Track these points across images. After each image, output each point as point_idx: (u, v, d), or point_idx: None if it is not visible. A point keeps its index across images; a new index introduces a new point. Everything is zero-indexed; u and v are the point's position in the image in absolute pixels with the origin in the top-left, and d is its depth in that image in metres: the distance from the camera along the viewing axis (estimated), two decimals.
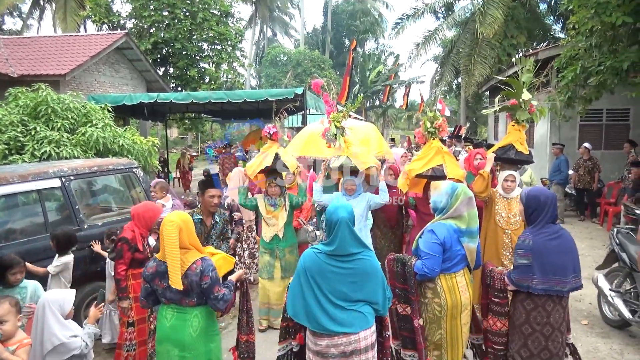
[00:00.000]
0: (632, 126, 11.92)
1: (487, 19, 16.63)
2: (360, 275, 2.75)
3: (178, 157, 16.26)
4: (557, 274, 3.09)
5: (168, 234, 2.74)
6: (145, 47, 17.96)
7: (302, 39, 36.43)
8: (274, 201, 4.87)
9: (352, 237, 2.74)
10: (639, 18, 7.58)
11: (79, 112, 7.74)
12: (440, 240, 3.21)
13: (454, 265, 3.28)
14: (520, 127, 4.86)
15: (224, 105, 12.13)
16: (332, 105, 4.57)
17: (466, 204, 3.30)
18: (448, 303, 3.26)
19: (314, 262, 2.76)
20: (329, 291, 2.71)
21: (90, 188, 5.55)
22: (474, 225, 3.30)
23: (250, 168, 4.85)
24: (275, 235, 4.85)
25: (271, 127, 4.85)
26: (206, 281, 2.75)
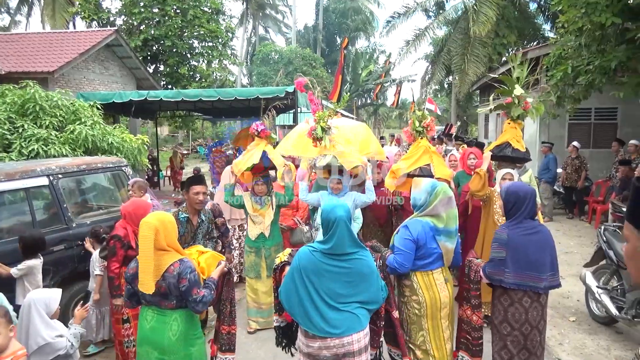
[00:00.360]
0: (619, 125, 12.05)
1: (480, 17, 16.72)
2: (356, 275, 2.72)
3: (170, 156, 16.12)
4: (532, 270, 3.10)
5: (142, 235, 2.69)
6: (135, 44, 17.82)
7: (294, 37, 36.36)
8: (261, 199, 4.83)
9: (349, 236, 2.72)
10: (627, 18, 7.67)
11: (67, 110, 7.66)
12: (413, 237, 3.19)
13: (431, 263, 3.25)
14: (517, 124, 4.80)
15: (214, 103, 12.09)
16: (317, 103, 4.53)
17: (445, 203, 3.26)
18: (427, 300, 3.23)
19: (310, 261, 2.71)
20: (323, 291, 2.67)
21: (79, 186, 5.49)
22: (452, 225, 3.27)
23: (237, 166, 4.78)
24: (261, 233, 4.81)
25: (259, 124, 4.77)
26: (184, 284, 2.70)
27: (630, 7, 7.66)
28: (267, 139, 4.80)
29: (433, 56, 23.67)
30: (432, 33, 22.00)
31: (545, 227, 3.25)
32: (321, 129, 4.32)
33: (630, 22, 7.63)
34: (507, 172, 4.50)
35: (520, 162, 5.13)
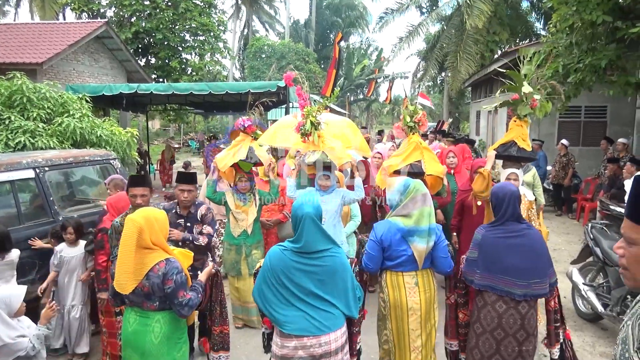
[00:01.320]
0: (609, 123, 12.16)
1: (474, 11, 16.76)
2: (328, 274, 2.62)
3: (162, 150, 15.96)
4: (507, 274, 2.94)
5: (125, 233, 2.58)
6: (126, 37, 17.66)
7: (287, 31, 36.20)
8: (244, 196, 4.71)
9: (319, 233, 2.63)
10: (618, 17, 7.71)
11: (55, 102, 7.58)
12: (377, 238, 3.13)
13: (400, 265, 3.14)
14: (523, 122, 4.59)
15: (206, 97, 12.02)
16: (305, 98, 4.43)
17: (417, 201, 3.14)
18: (390, 300, 3.16)
19: (280, 260, 2.62)
20: (297, 289, 2.58)
21: (66, 179, 5.45)
22: (423, 223, 3.10)
23: (221, 161, 4.62)
24: (243, 231, 4.69)
25: (245, 120, 4.64)
26: (169, 285, 2.57)
27: (621, 6, 7.71)
28: (253, 135, 4.69)
29: (425, 52, 23.71)
30: (425, 30, 22.04)
31: (535, 232, 3.08)
32: (310, 124, 4.23)
33: (620, 21, 7.67)
34: (511, 172, 4.34)
35: (526, 162, 4.96)
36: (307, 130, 4.26)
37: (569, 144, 10.32)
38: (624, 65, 8.12)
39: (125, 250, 2.56)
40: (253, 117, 4.63)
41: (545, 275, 2.99)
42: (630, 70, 8.28)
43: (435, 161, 4.77)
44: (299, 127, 4.32)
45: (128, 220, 2.59)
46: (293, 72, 4.52)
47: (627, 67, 8.20)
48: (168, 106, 16.45)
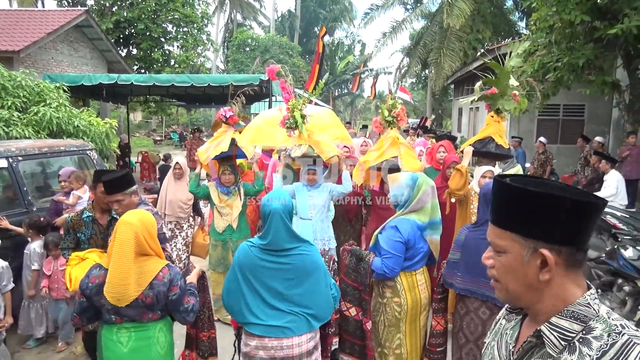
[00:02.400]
0: (586, 122, 12.40)
1: (454, 10, 16.88)
2: (297, 272, 2.48)
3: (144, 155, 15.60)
4: (488, 278, 2.85)
5: (120, 238, 2.29)
6: (107, 26, 17.33)
7: (272, 24, 35.99)
8: (228, 189, 4.56)
9: (286, 231, 2.48)
10: (596, 17, 7.86)
11: (31, 91, 7.41)
12: (405, 239, 2.95)
13: (415, 264, 3.06)
14: (500, 118, 4.41)
15: (188, 89, 11.89)
16: (289, 92, 4.33)
17: (429, 194, 3.07)
18: (408, 302, 3.02)
19: (247, 256, 2.50)
20: (264, 288, 2.46)
21: (41, 169, 5.35)
22: (437, 215, 3.11)
23: (202, 154, 4.48)
24: (228, 225, 4.54)
25: (227, 110, 4.48)
26: (175, 292, 2.38)
27: (599, 7, 7.85)
28: (235, 126, 4.57)
29: (409, 49, 23.82)
30: (410, 26, 22.15)
31: None
32: (299, 117, 4.15)
33: (598, 21, 7.82)
34: (487, 170, 4.10)
35: (502, 159, 4.85)
36: (293, 124, 4.17)
37: (547, 142, 10.48)
38: (601, 65, 8.29)
39: (122, 258, 2.27)
40: (235, 108, 4.49)
41: None
42: (607, 70, 8.46)
43: (412, 157, 4.63)
44: (284, 121, 4.22)
45: (122, 224, 2.32)
46: (276, 65, 4.42)
47: (604, 67, 8.37)
48: (149, 98, 16.23)
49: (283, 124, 4.28)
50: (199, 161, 4.53)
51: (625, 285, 4.26)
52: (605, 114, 12.04)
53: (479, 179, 4.07)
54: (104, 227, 3.40)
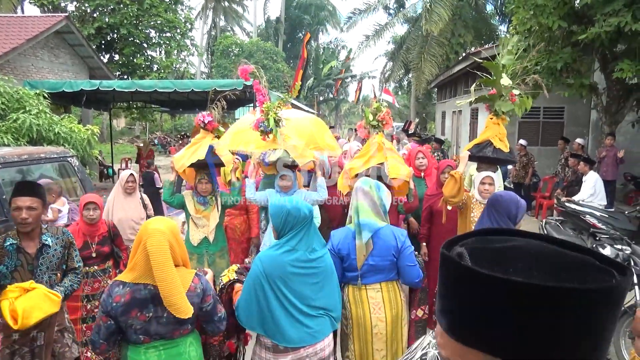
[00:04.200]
0: (566, 124, 12.63)
1: (433, 16, 17.10)
2: (323, 275, 2.49)
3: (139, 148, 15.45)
4: None
5: (157, 249, 2.10)
6: (88, 32, 17.17)
7: (255, 30, 36.02)
8: (205, 199, 4.29)
9: (317, 235, 2.52)
10: (572, 21, 8.03)
11: (10, 97, 7.32)
12: (333, 247, 2.87)
13: (361, 276, 2.84)
14: (500, 120, 4.12)
15: (171, 95, 11.81)
16: (263, 94, 4.17)
17: (354, 196, 2.97)
18: (352, 316, 2.87)
19: (276, 265, 2.41)
20: (295, 296, 2.41)
21: (21, 177, 5.27)
22: (359, 216, 2.88)
23: (178, 161, 4.22)
24: (204, 238, 4.26)
25: (205, 115, 4.24)
26: (209, 302, 2.27)
27: (576, 11, 8.03)
28: (214, 132, 4.32)
29: (392, 53, 24.06)
30: (392, 30, 22.41)
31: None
32: (272, 121, 3.95)
33: (575, 25, 7.99)
34: (486, 176, 3.84)
35: (503, 164, 4.59)
36: (267, 128, 3.98)
37: (528, 144, 10.64)
38: (579, 68, 8.47)
39: (166, 269, 2.10)
40: (214, 113, 4.27)
41: None
42: (585, 73, 8.64)
43: (400, 163, 4.42)
44: (257, 125, 4.03)
45: (154, 232, 2.13)
46: (249, 65, 4.21)
47: (582, 70, 8.55)
48: (132, 104, 16.09)
49: (257, 127, 4.06)
50: (174, 169, 4.29)
51: None
52: (584, 116, 12.28)
53: (478, 186, 3.83)
54: (31, 257, 2.84)
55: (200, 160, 4.13)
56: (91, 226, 3.75)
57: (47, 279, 2.87)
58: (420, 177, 5.16)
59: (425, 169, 5.25)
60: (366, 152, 4.34)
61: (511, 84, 3.96)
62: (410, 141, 10.29)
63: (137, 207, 4.66)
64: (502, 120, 4.13)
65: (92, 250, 3.72)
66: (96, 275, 3.76)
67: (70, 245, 3.07)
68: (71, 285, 2.97)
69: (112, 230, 3.92)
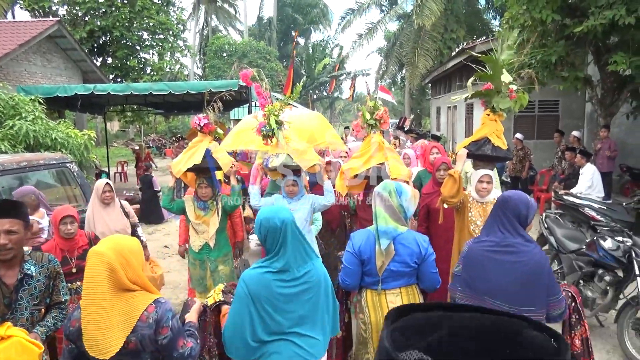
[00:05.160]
0: (561, 117, 12.69)
1: (424, 11, 17.15)
2: (314, 290, 2.29)
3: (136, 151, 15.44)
4: (493, 296, 2.45)
5: (90, 273, 1.88)
6: (80, 36, 17.08)
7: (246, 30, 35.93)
8: (205, 204, 4.16)
9: (302, 247, 2.29)
10: (566, 15, 8.06)
11: (6, 104, 7.29)
12: (354, 250, 2.76)
13: (379, 282, 2.76)
14: (497, 116, 3.98)
15: (166, 97, 11.78)
16: (265, 97, 4.10)
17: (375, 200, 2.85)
18: (372, 321, 2.78)
19: (262, 285, 2.21)
20: (283, 318, 2.22)
21: (20, 184, 5.24)
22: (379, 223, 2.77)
23: (176, 166, 4.09)
24: (205, 244, 4.14)
25: (201, 118, 4.09)
26: (165, 334, 1.96)
27: (569, 4, 8.06)
28: (212, 135, 4.19)
29: (386, 50, 24.10)
30: (385, 27, 22.45)
31: (537, 252, 2.50)
32: (274, 124, 3.85)
33: (568, 19, 8.02)
34: (484, 174, 3.70)
35: (500, 162, 4.51)
36: (270, 132, 3.88)
37: (524, 138, 10.68)
38: (573, 61, 8.51)
39: (94, 297, 1.86)
40: (210, 115, 4.14)
41: (542, 305, 2.46)
42: (579, 66, 8.68)
43: (400, 163, 4.33)
44: (259, 129, 3.94)
45: (93, 256, 1.92)
46: (250, 69, 4.14)
47: (576, 63, 8.59)
48: (127, 107, 16.03)
49: (259, 132, 3.95)
50: (172, 174, 4.17)
51: (605, 275, 4.38)
52: (579, 108, 12.34)
53: (476, 185, 3.72)
54: (9, 290, 2.48)
55: (196, 165, 4.02)
56: (69, 241, 3.49)
57: (28, 315, 2.50)
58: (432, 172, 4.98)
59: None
60: (365, 152, 4.21)
61: (511, 80, 3.83)
62: (407, 138, 10.30)
63: (119, 217, 4.42)
64: (499, 116, 4.01)
65: (72, 265, 3.48)
66: (79, 292, 3.48)
67: (57, 275, 2.70)
68: (55, 324, 2.62)
69: (93, 242, 3.62)
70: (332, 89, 32.90)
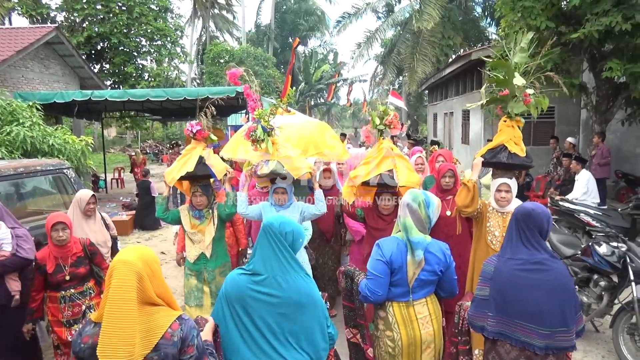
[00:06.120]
0: (557, 123, 12.78)
1: (423, 15, 17.30)
2: (290, 306, 2.15)
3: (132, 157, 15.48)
4: (525, 319, 2.30)
5: (118, 283, 1.74)
6: (78, 42, 17.12)
7: (244, 36, 36.05)
8: (200, 213, 4.02)
9: (275, 254, 2.18)
10: (561, 22, 8.15)
11: (3, 111, 7.30)
12: (386, 258, 2.62)
13: (408, 292, 2.66)
14: (515, 122, 3.80)
15: (163, 104, 11.84)
16: (255, 99, 3.96)
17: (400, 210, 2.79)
18: (403, 339, 2.64)
19: (235, 285, 2.19)
20: (252, 325, 2.15)
21: (17, 190, 5.26)
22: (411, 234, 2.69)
23: (169, 174, 3.95)
24: (201, 254, 4.00)
25: (194, 125, 3.97)
26: (191, 354, 1.85)
27: (563, 12, 8.15)
28: (205, 142, 4.05)
29: (383, 57, 24.24)
30: (382, 35, 22.61)
31: (560, 266, 2.36)
32: (262, 130, 3.70)
33: (563, 26, 8.11)
34: (502, 183, 3.56)
35: (518, 169, 4.35)
36: (259, 137, 3.73)
37: None
38: (568, 68, 8.59)
39: (122, 307, 1.72)
40: (203, 121, 4.00)
41: (572, 323, 2.31)
42: (574, 73, 8.77)
43: (409, 170, 4.15)
44: (248, 133, 3.78)
45: (120, 265, 1.78)
46: (238, 68, 4.02)
47: (571, 70, 8.67)
48: (124, 113, 16.05)
49: (248, 136, 3.78)
50: (166, 182, 4.04)
51: (601, 280, 4.40)
52: (575, 115, 12.43)
53: (494, 194, 3.58)
54: None
55: (190, 173, 3.87)
56: (62, 248, 3.47)
57: None
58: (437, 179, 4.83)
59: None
60: (373, 158, 4.06)
61: (525, 84, 3.67)
62: (405, 144, 10.35)
63: (100, 229, 4.27)
64: (517, 122, 3.81)
65: (65, 273, 3.47)
66: (74, 299, 3.53)
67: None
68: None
69: (88, 249, 3.64)
70: (330, 96, 33.00)
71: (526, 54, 3.73)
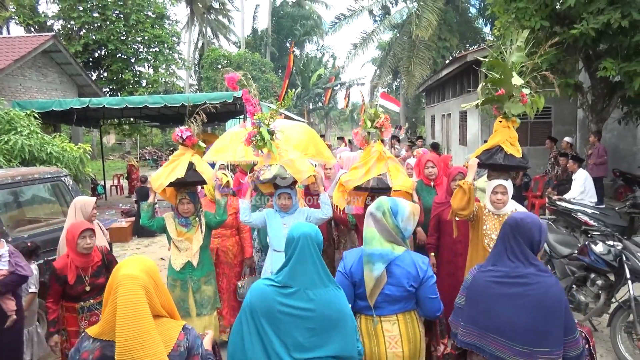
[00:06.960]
0: (554, 123, 12.81)
1: (422, 22, 17.35)
2: (322, 321, 2.04)
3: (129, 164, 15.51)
4: (496, 333, 2.20)
5: (127, 299, 1.67)
6: (75, 50, 17.18)
7: (242, 41, 36.17)
8: (187, 221, 3.93)
9: (316, 266, 2.09)
10: (555, 22, 8.19)
11: (1, 119, 7.33)
12: (346, 270, 2.54)
13: (372, 307, 2.49)
14: (511, 122, 3.71)
15: (161, 110, 11.87)
16: (253, 104, 3.89)
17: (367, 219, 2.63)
18: (366, 351, 2.50)
19: (263, 298, 2.06)
20: (284, 339, 2.03)
21: (15, 198, 5.28)
22: (368, 246, 2.55)
23: (156, 180, 3.81)
24: (187, 262, 3.91)
25: (183, 130, 3.86)
26: None
27: (557, 12, 8.19)
28: (194, 148, 3.95)
29: (380, 60, 24.34)
30: (379, 37, 22.72)
31: (550, 283, 2.19)
32: (266, 134, 3.62)
33: (558, 26, 8.14)
34: (498, 185, 3.47)
35: (514, 170, 4.25)
36: (261, 143, 3.66)
37: None
38: (564, 68, 8.61)
39: (139, 325, 1.66)
40: (193, 127, 3.90)
41: (558, 345, 2.13)
42: (570, 72, 8.79)
43: (402, 174, 4.10)
44: (249, 139, 3.70)
45: (127, 280, 1.71)
46: (235, 73, 3.97)
47: (567, 70, 8.70)
48: (122, 120, 16.10)
49: (248, 142, 3.69)
50: (152, 189, 3.91)
51: (597, 279, 4.42)
52: (571, 114, 12.47)
53: (490, 196, 3.51)
54: None
55: (179, 179, 3.74)
56: (86, 257, 3.40)
57: None
58: (430, 185, 4.80)
59: (435, 177, 4.82)
60: (365, 162, 3.94)
61: (522, 84, 3.59)
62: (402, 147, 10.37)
63: (100, 236, 4.19)
64: (512, 123, 3.71)
65: (86, 284, 3.40)
66: (92, 309, 3.49)
67: None
68: None
69: (106, 258, 3.60)
70: (327, 100, 33.06)
71: (523, 52, 3.65)
